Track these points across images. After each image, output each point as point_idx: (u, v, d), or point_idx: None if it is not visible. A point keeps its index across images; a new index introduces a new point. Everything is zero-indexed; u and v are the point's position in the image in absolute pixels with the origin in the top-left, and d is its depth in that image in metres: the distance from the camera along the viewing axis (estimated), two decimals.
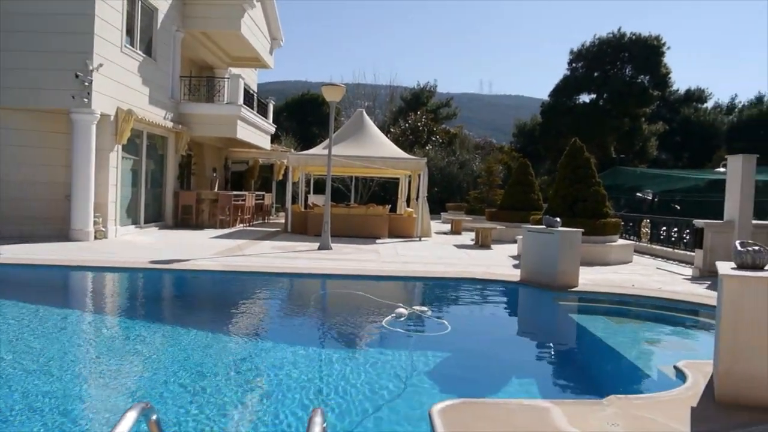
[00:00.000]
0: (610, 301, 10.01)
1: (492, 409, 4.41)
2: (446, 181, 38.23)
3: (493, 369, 6.33)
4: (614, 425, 4.10)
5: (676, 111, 55.14)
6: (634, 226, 19.16)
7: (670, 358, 6.18)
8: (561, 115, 47.96)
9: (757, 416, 4.34)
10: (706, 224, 12.89)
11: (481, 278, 11.20)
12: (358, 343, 7.09)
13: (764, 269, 4.80)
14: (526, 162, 24.32)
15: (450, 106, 55.95)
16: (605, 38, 49.20)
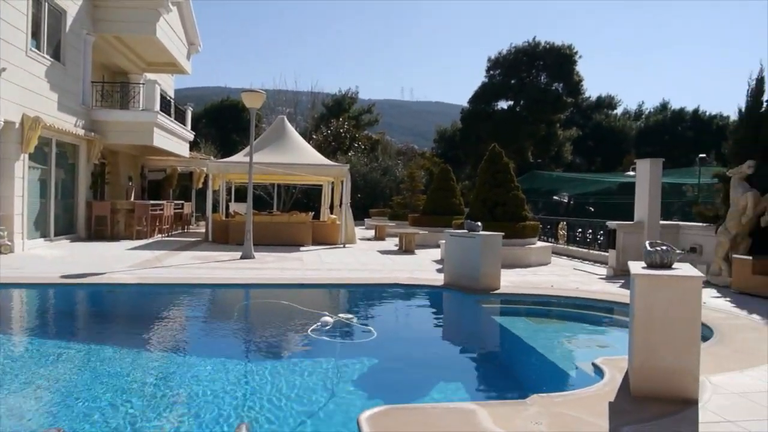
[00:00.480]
0: (530, 302, 10.28)
1: (419, 413, 4.43)
2: (369, 187, 38.37)
3: (420, 374, 6.36)
4: (537, 424, 4.19)
5: (588, 117, 57.54)
6: (551, 228, 19.79)
7: (589, 355, 6.40)
8: (480, 121, 49.06)
9: (670, 407, 4.54)
10: (618, 225, 13.46)
11: (405, 283, 11.28)
12: (283, 354, 6.98)
13: (672, 268, 5.04)
14: (447, 167, 24.71)
15: (372, 112, 56.25)
16: (521, 47, 50.76)
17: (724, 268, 11.37)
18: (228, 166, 20.50)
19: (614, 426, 4.19)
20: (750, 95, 11.90)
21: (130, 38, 21.35)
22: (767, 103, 11.78)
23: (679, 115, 57.51)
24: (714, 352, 6.34)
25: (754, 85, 11.89)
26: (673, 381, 4.74)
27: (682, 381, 4.72)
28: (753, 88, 11.89)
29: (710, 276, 11.59)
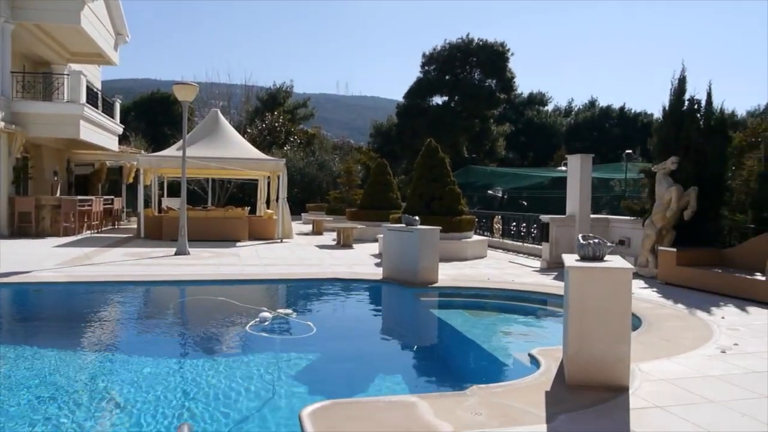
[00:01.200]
0: (468, 294, 10.45)
1: (361, 408, 4.44)
2: (306, 181, 38.11)
3: (361, 368, 6.38)
4: (478, 414, 4.27)
5: (520, 113, 58.84)
6: (487, 222, 20.15)
7: (525, 346, 6.56)
8: (416, 116, 49.42)
9: (603, 395, 4.71)
10: (551, 219, 13.83)
11: (344, 278, 11.27)
12: (222, 351, 6.86)
13: (604, 260, 5.22)
14: (383, 162, 24.78)
15: (307, 106, 55.85)
16: (455, 43, 51.35)
17: (651, 259, 11.85)
18: (160, 160, 19.95)
19: (550, 414, 4.31)
20: (673, 94, 12.41)
21: (53, 27, 20.45)
22: (689, 102, 12.32)
23: (607, 113, 59.59)
24: (643, 340, 6.61)
25: (676, 85, 12.39)
26: (606, 369, 4.92)
27: (614, 369, 4.90)
28: (675, 88, 12.39)
29: (638, 267, 12.06)
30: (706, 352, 6.17)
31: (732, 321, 7.82)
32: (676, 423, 4.20)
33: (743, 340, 6.75)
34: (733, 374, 5.39)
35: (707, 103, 12.19)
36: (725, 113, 12.64)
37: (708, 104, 12.18)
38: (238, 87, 52.34)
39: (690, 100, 12.29)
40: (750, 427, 4.15)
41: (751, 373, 5.46)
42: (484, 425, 4.09)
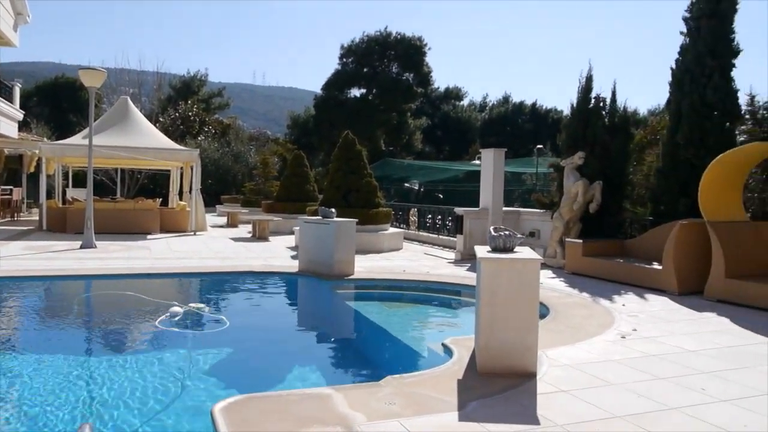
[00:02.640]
0: (384, 286, 10.53)
1: (275, 401, 4.40)
2: (221, 173, 37.29)
3: (276, 361, 6.32)
4: (391, 404, 4.32)
5: (437, 107, 59.75)
6: (403, 214, 20.36)
7: (439, 336, 6.69)
8: (334, 108, 49.27)
9: (512, 381, 4.87)
10: (465, 212, 14.13)
11: (259, 271, 11.12)
12: (130, 347, 6.63)
13: (514, 251, 5.38)
14: (301, 154, 24.58)
15: (222, 96, 54.65)
16: (373, 36, 51.49)
17: (559, 251, 12.31)
18: (64, 148, 18.99)
19: (462, 401, 4.42)
20: (580, 92, 12.92)
21: None
22: (595, 100, 12.86)
23: (520, 108, 61.42)
24: (550, 328, 6.87)
25: (583, 83, 12.91)
26: (515, 357, 5.08)
27: (523, 356, 5.08)
28: (583, 86, 12.90)
29: (546, 258, 12.51)
30: (608, 338, 6.48)
31: (632, 308, 8.25)
32: (579, 405, 4.39)
33: (641, 325, 7.13)
34: (631, 358, 5.70)
35: (612, 101, 12.77)
36: (628, 111, 13.29)
37: (612, 102, 12.76)
38: (149, 74, 50.43)
39: (596, 98, 12.82)
40: (645, 407, 4.39)
41: (648, 356, 5.78)
42: (398, 414, 4.14)
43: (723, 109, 10.93)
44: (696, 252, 9.41)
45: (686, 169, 10.95)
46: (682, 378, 5.12)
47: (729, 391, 4.79)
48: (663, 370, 5.35)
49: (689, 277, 9.41)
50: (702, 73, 11.06)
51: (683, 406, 4.43)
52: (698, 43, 11.18)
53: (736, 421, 4.16)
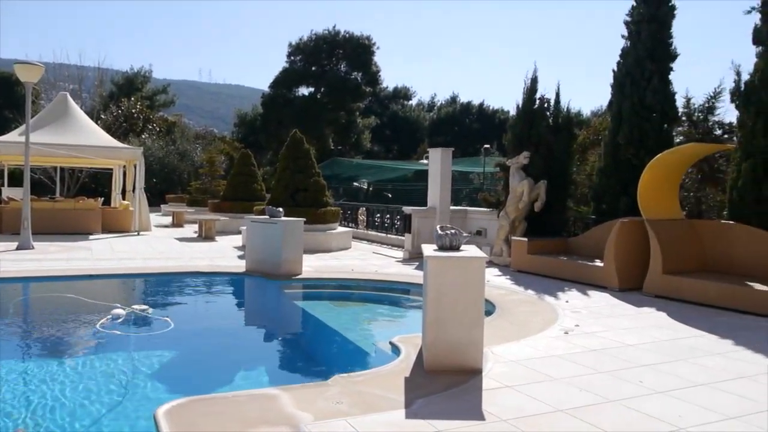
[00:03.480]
0: (332, 286, 10.52)
1: (221, 403, 4.33)
2: (166, 171, 36.52)
3: (223, 362, 6.24)
4: (339, 403, 4.32)
5: (386, 107, 59.89)
6: (352, 213, 20.35)
7: (387, 334, 6.71)
8: (282, 107, 48.84)
9: (458, 378, 4.92)
10: (413, 211, 14.22)
11: (205, 271, 10.95)
12: (69, 351, 6.42)
13: (460, 250, 5.45)
14: (248, 152, 24.30)
15: (167, 92, 53.51)
16: (321, 34, 51.24)
17: (505, 249, 12.52)
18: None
19: (409, 399, 4.44)
20: (525, 93, 13.16)
21: None
22: (539, 101, 13.13)
23: (467, 108, 62.09)
24: (496, 325, 6.98)
25: (528, 84, 13.16)
26: (461, 354, 5.14)
27: (469, 353, 5.14)
28: (528, 87, 13.15)
29: (493, 256, 12.70)
30: (551, 334, 6.62)
31: (575, 304, 8.46)
32: (523, 400, 4.48)
33: (584, 321, 7.32)
34: (574, 353, 5.84)
35: (555, 102, 13.05)
36: (571, 112, 13.62)
37: (556, 103, 13.05)
38: (90, 69, 48.85)
39: (540, 99, 13.09)
40: (586, 400, 4.51)
41: (590, 351, 5.94)
42: (346, 413, 4.14)
43: (661, 111, 11.30)
44: (635, 249, 9.71)
45: (627, 169, 11.28)
46: (621, 371, 5.28)
47: (665, 383, 4.96)
48: (603, 364, 5.50)
49: (629, 274, 9.70)
50: (642, 76, 11.41)
51: (622, 399, 4.56)
52: (638, 46, 11.53)
53: (671, 412, 4.31)
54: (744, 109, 9.43)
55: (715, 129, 12.20)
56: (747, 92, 9.39)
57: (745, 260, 8.92)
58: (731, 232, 9.22)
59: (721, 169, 11.51)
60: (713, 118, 12.18)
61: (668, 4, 11.54)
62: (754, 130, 9.08)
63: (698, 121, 12.23)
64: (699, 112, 12.25)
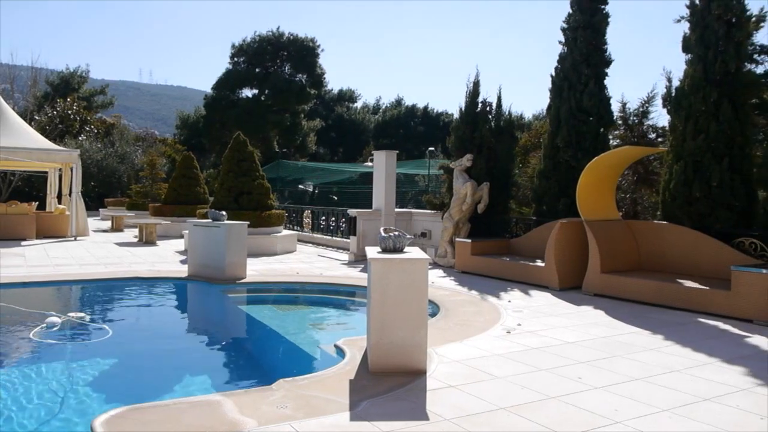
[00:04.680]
0: (277, 289, 10.43)
1: (161, 411, 4.25)
2: (105, 174, 35.50)
3: (164, 370, 6.11)
4: (283, 407, 4.29)
5: (331, 109, 59.77)
6: (297, 216, 20.23)
7: (333, 337, 6.70)
8: (225, 109, 48.14)
9: (402, 379, 4.96)
10: (358, 213, 14.24)
11: (146, 276, 10.70)
12: (1, 362, 6.17)
13: (403, 251, 5.49)
14: (190, 155, 23.89)
15: (106, 93, 52.04)
16: (265, 36, 50.74)
17: (449, 250, 12.67)
18: None
19: (354, 401, 4.46)
20: (468, 96, 13.37)
21: None
22: (482, 105, 13.35)
23: (412, 111, 62.52)
24: (440, 326, 7.06)
25: (471, 88, 13.37)
26: (405, 355, 5.18)
27: (413, 354, 5.19)
28: (470, 90, 13.36)
29: (437, 258, 12.84)
30: (494, 334, 6.74)
31: (517, 304, 8.63)
32: (466, 399, 4.55)
33: (525, 320, 7.48)
34: (515, 351, 5.96)
35: (497, 105, 13.29)
36: (513, 116, 13.90)
37: (498, 107, 13.29)
38: (23, 69, 47.02)
39: (483, 102, 13.31)
40: (527, 397, 4.61)
41: (531, 349, 6.07)
42: (290, 417, 4.12)
43: (598, 115, 11.64)
44: (575, 249, 9.97)
45: (565, 171, 11.58)
46: (561, 368, 5.42)
47: (602, 379, 5.12)
48: (544, 361, 5.63)
49: (569, 273, 9.96)
50: (578, 81, 11.74)
51: (561, 395, 4.68)
52: (575, 52, 11.85)
53: (607, 406, 4.45)
54: (675, 114, 9.80)
55: (649, 133, 12.65)
56: (677, 97, 9.76)
57: (677, 258, 9.28)
58: (664, 231, 9.58)
59: (655, 171, 11.94)
60: (647, 122, 12.64)
61: (602, 12, 11.91)
62: (684, 134, 9.45)
63: (633, 125, 12.67)
64: (634, 116, 12.69)
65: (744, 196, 9.12)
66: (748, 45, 9.85)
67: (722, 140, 9.13)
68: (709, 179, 9.10)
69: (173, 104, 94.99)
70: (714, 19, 9.32)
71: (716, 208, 9.13)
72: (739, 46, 9.34)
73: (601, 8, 11.92)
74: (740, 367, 5.54)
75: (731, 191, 9.04)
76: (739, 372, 5.39)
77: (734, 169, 9.10)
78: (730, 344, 6.47)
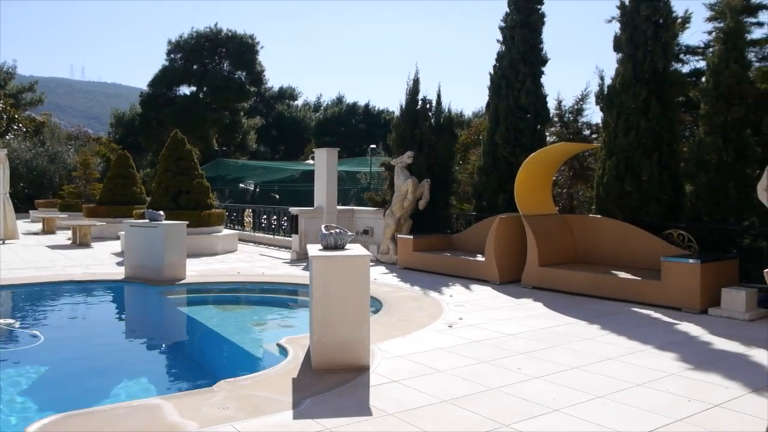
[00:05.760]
0: (218, 289, 10.27)
1: (98, 417, 4.13)
2: (34, 175, 34.14)
3: (101, 375, 5.94)
4: (224, 408, 4.24)
5: (271, 107, 59.12)
6: (238, 215, 19.95)
7: (275, 336, 6.65)
8: (162, 106, 46.97)
9: (346, 376, 4.97)
10: (299, 211, 14.15)
11: (80, 280, 10.36)
12: None
13: (345, 249, 5.50)
14: (126, 154, 23.26)
15: (35, 90, 50.04)
16: (203, 32, 49.74)
17: (392, 247, 12.73)
18: None
19: (297, 400, 4.44)
20: (408, 94, 13.46)
21: None
22: (422, 102, 13.46)
23: (353, 109, 62.44)
24: (382, 322, 7.10)
25: (411, 86, 13.46)
26: (348, 351, 5.20)
27: (356, 350, 5.20)
28: (411, 88, 13.46)
29: (380, 255, 12.89)
30: (436, 328, 6.82)
31: (459, 298, 8.75)
32: (409, 393, 4.59)
33: (467, 314, 7.59)
34: (457, 345, 6.05)
35: (437, 103, 13.44)
36: (452, 113, 14.06)
37: (438, 104, 13.44)
38: None
39: (423, 100, 13.43)
40: (469, 389, 4.69)
41: (472, 342, 6.17)
42: (231, 418, 4.07)
43: (535, 112, 11.90)
44: (514, 243, 10.18)
45: (504, 167, 11.79)
46: (501, 360, 5.53)
47: (541, 369, 5.25)
48: (485, 354, 5.74)
49: (509, 267, 10.16)
50: (516, 79, 11.96)
51: (502, 386, 4.79)
52: (512, 50, 12.07)
53: (546, 395, 4.57)
54: (607, 111, 10.11)
55: (584, 129, 13.01)
56: (609, 95, 10.07)
57: (611, 250, 9.60)
58: (598, 225, 9.89)
59: (590, 166, 12.29)
60: (582, 119, 12.98)
61: (538, 12, 12.17)
62: (616, 131, 9.76)
63: (569, 122, 13.00)
64: (569, 113, 13.02)
65: (672, 190, 9.49)
66: (674, 45, 10.28)
67: (651, 137, 9.48)
68: (640, 174, 9.43)
69: (107, 102, 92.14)
70: (643, 19, 9.66)
71: (647, 202, 9.47)
72: (666, 46, 9.71)
73: (538, 8, 12.17)
74: (670, 353, 5.78)
75: (660, 185, 9.40)
76: (670, 358, 5.63)
77: (663, 165, 9.46)
78: (661, 331, 6.74)
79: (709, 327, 6.91)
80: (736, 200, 8.60)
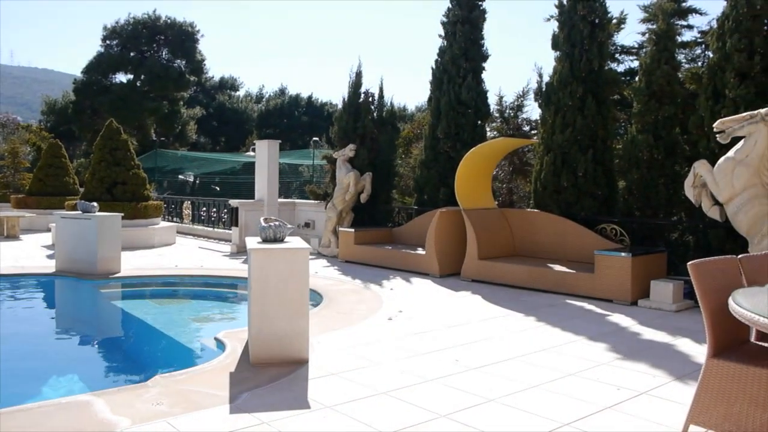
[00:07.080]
0: (154, 283, 10.03)
1: (23, 416, 3.97)
2: None
3: (27, 372, 5.72)
4: (159, 404, 4.15)
5: (212, 97, 57.93)
6: (176, 207, 19.51)
7: (213, 330, 6.54)
8: (97, 94, 45.37)
9: (285, 369, 4.94)
10: (240, 203, 13.94)
11: (7, 273, 9.95)
12: None
13: (284, 241, 5.46)
14: (58, 143, 22.41)
15: None
16: (140, 18, 48.26)
17: (333, 240, 12.70)
18: None
19: (234, 394, 4.39)
20: (351, 87, 13.43)
21: None
22: (364, 95, 13.45)
23: (296, 101, 61.84)
24: (322, 315, 7.08)
25: (354, 78, 13.43)
26: (287, 345, 5.16)
27: (295, 344, 5.17)
28: (353, 81, 13.43)
29: (321, 248, 12.84)
30: (376, 321, 6.85)
31: (399, 291, 8.81)
32: (347, 386, 4.60)
33: (406, 307, 7.65)
34: (396, 337, 6.09)
35: (380, 96, 13.46)
36: (395, 107, 14.14)
37: (380, 98, 13.46)
38: None
39: (365, 93, 13.42)
40: (407, 381, 4.73)
41: (411, 335, 6.23)
42: (166, 414, 3.99)
43: (475, 108, 12.05)
44: (454, 237, 10.31)
45: (445, 162, 11.91)
46: (439, 352, 5.60)
47: (478, 360, 5.34)
48: (424, 346, 5.80)
49: (449, 261, 10.28)
50: (457, 74, 12.08)
51: (439, 377, 4.85)
52: (454, 46, 12.19)
53: (482, 386, 4.66)
54: (545, 108, 10.33)
55: (523, 125, 13.27)
56: (547, 92, 10.30)
57: (548, 244, 9.83)
58: (536, 219, 10.12)
59: (529, 162, 12.55)
60: (522, 115, 13.25)
61: (480, 8, 12.32)
62: (554, 127, 9.99)
63: (509, 118, 13.24)
64: (510, 109, 13.26)
65: (606, 185, 9.79)
66: (609, 45, 10.59)
67: (587, 133, 9.74)
68: (576, 170, 9.69)
69: (38, 88, 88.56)
70: (580, 19, 9.90)
71: (582, 197, 9.73)
72: (602, 45, 9.99)
73: (479, 4, 12.32)
74: (602, 343, 5.98)
75: (595, 181, 9.68)
76: (602, 348, 5.81)
77: (597, 161, 9.73)
78: (594, 323, 6.95)
79: (638, 318, 7.17)
80: (666, 196, 8.95)
